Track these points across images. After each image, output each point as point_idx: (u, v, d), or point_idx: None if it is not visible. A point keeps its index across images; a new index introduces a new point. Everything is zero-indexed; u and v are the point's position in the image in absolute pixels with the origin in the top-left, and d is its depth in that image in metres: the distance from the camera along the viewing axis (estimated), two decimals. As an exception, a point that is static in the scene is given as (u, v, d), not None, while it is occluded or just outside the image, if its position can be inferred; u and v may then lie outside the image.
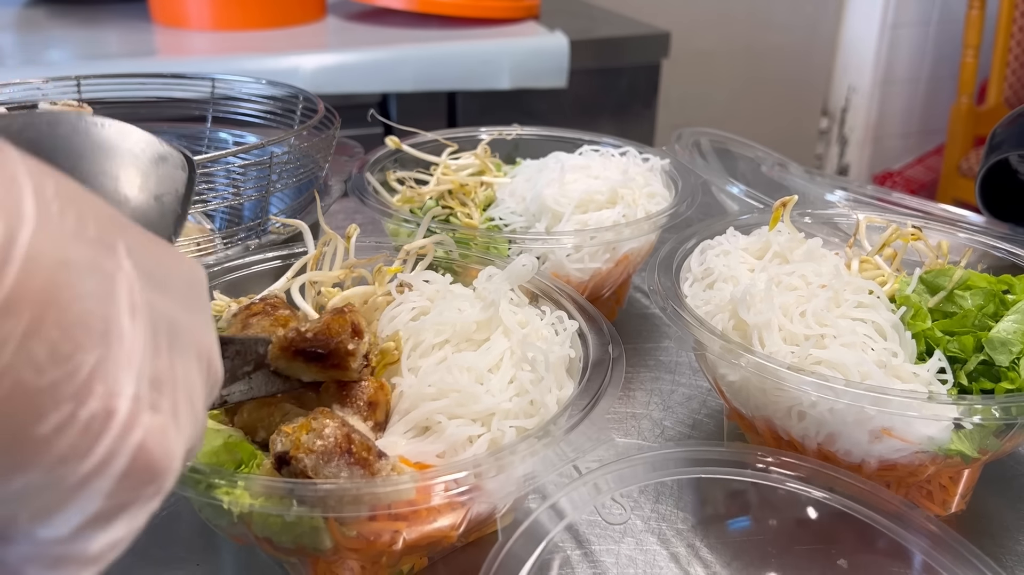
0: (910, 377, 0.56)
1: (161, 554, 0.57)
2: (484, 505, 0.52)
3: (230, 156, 0.72)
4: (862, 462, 0.58)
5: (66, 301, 0.23)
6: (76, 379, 0.24)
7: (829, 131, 2.93)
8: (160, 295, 0.28)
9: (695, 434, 0.71)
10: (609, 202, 0.82)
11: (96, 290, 0.25)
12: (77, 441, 0.24)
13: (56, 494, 0.25)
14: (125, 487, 0.26)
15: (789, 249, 0.68)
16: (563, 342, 0.59)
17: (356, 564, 0.51)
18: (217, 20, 1.65)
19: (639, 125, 1.78)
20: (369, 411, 0.52)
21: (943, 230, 0.74)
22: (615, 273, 0.81)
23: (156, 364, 0.27)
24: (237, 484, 0.43)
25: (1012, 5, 2.47)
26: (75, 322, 0.24)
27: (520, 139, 0.96)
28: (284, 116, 0.89)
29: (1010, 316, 0.59)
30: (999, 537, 0.61)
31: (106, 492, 0.26)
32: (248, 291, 0.62)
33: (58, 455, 0.24)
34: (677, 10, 2.46)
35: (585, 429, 0.49)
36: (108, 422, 0.25)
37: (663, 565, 0.56)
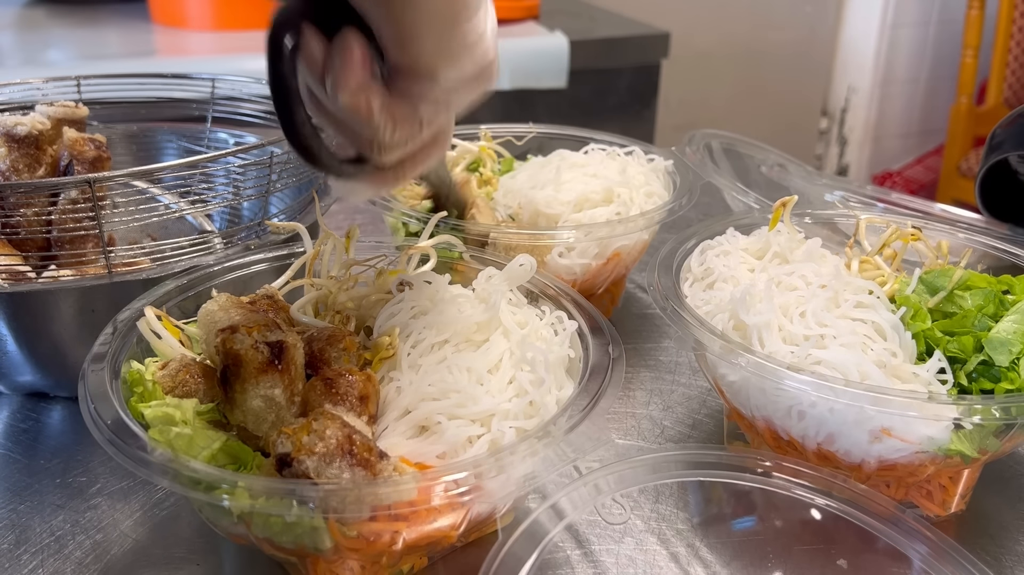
0: (910, 377, 0.56)
1: (161, 554, 0.57)
2: (484, 505, 0.52)
3: (230, 156, 0.72)
4: (862, 462, 0.58)
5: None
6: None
7: (829, 131, 2.93)
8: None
9: (695, 434, 0.71)
10: (604, 200, 0.82)
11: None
12: (473, 25, 0.47)
13: (454, 51, 0.46)
14: (478, 74, 0.49)
15: (789, 249, 0.68)
16: (563, 342, 0.59)
17: (356, 564, 0.51)
18: (217, 20, 1.65)
19: (639, 125, 1.78)
20: (362, 406, 0.52)
21: (943, 230, 0.74)
22: (606, 270, 0.81)
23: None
24: (238, 485, 0.43)
25: (1012, 5, 2.47)
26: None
27: (530, 136, 0.96)
28: (284, 116, 0.89)
29: (1010, 316, 0.59)
30: (999, 537, 0.61)
31: (469, 67, 0.48)
32: (248, 291, 0.62)
33: (464, 28, 0.46)
34: (677, 10, 2.46)
35: (585, 429, 0.49)
36: (481, 27, 0.48)
37: (663, 565, 0.56)
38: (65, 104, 0.78)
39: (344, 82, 0.45)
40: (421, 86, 0.47)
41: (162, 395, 0.52)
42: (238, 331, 0.51)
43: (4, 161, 0.74)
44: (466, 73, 0.48)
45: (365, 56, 0.46)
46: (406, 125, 0.49)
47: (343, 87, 0.46)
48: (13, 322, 0.65)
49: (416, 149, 0.52)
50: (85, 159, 0.72)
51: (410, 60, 0.46)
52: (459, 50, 0.47)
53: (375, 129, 0.48)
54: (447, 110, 0.50)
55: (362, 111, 0.46)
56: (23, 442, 0.68)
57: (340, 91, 0.46)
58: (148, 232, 0.86)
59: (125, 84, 0.91)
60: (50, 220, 0.70)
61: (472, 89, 0.50)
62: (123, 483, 0.63)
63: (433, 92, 0.48)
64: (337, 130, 0.51)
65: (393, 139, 0.49)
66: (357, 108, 0.46)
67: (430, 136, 0.53)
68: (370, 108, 0.47)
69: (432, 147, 0.54)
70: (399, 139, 0.49)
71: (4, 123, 0.74)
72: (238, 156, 0.72)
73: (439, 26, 0.45)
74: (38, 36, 1.65)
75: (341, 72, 0.45)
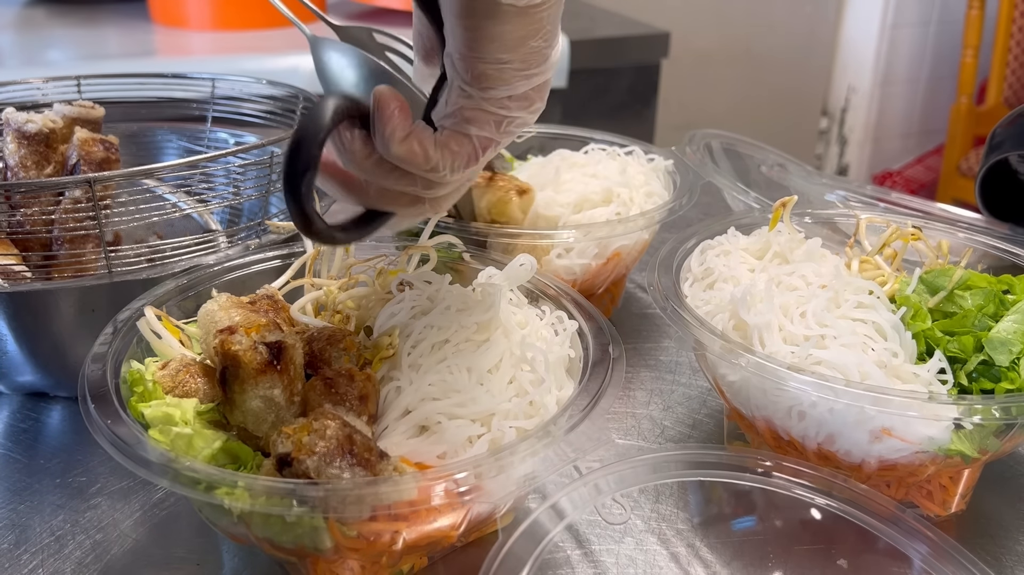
0: (910, 377, 0.56)
1: (161, 554, 0.57)
2: (484, 505, 0.52)
3: (230, 156, 0.72)
4: (862, 462, 0.58)
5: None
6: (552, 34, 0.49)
7: (829, 131, 2.93)
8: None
9: (695, 434, 0.71)
10: (604, 201, 0.82)
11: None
12: (538, 56, 0.49)
13: (508, 72, 0.48)
14: (528, 95, 0.50)
15: (789, 249, 0.68)
16: (563, 342, 0.59)
17: (356, 564, 0.51)
18: (217, 20, 1.65)
19: (639, 125, 1.78)
20: (361, 405, 0.52)
21: (943, 230, 0.74)
22: (606, 270, 0.81)
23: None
24: (238, 484, 0.43)
25: (1012, 5, 2.47)
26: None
27: (530, 136, 0.96)
28: (284, 116, 0.89)
29: (1010, 316, 0.59)
30: (999, 537, 0.61)
31: (524, 88, 0.49)
32: (248, 290, 0.62)
33: (530, 48, 0.48)
34: (677, 10, 2.46)
35: (585, 429, 0.49)
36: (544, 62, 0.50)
37: (663, 565, 0.56)
38: (82, 104, 0.78)
39: (392, 133, 0.47)
40: (473, 101, 0.49)
41: (162, 395, 0.52)
42: (236, 332, 0.51)
43: (13, 157, 0.74)
44: (517, 93, 0.49)
45: (403, 105, 0.48)
46: (463, 154, 0.50)
47: (391, 139, 0.47)
48: (13, 322, 0.65)
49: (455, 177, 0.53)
50: (93, 160, 0.72)
51: (469, 68, 0.48)
52: (513, 73, 0.48)
53: (434, 168, 0.49)
54: (499, 133, 0.51)
55: (418, 153, 0.48)
56: (23, 442, 0.68)
57: (391, 144, 0.48)
58: (155, 230, 0.86)
59: (125, 84, 0.90)
60: (52, 219, 0.70)
61: (521, 111, 0.51)
62: (123, 483, 0.63)
63: (484, 111, 0.49)
64: (385, 201, 0.52)
65: (454, 173, 0.50)
66: (412, 152, 0.48)
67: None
68: (425, 148, 0.48)
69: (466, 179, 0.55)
70: (458, 170, 0.50)
71: (15, 119, 0.74)
72: (238, 156, 0.72)
73: (504, 45, 0.47)
74: (38, 36, 1.65)
75: (385, 126, 0.47)
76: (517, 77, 0.49)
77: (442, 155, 0.49)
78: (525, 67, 0.48)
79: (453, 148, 0.50)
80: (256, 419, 0.51)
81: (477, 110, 0.49)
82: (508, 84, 0.49)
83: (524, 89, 0.49)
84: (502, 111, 0.50)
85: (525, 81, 0.49)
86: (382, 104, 0.48)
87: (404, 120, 0.48)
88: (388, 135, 0.48)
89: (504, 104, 0.49)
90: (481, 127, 0.50)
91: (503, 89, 0.49)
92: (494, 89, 0.49)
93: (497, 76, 0.48)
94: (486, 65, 0.48)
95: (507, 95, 0.49)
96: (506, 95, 0.49)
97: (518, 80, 0.49)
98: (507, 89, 0.49)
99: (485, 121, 0.50)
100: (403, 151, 0.48)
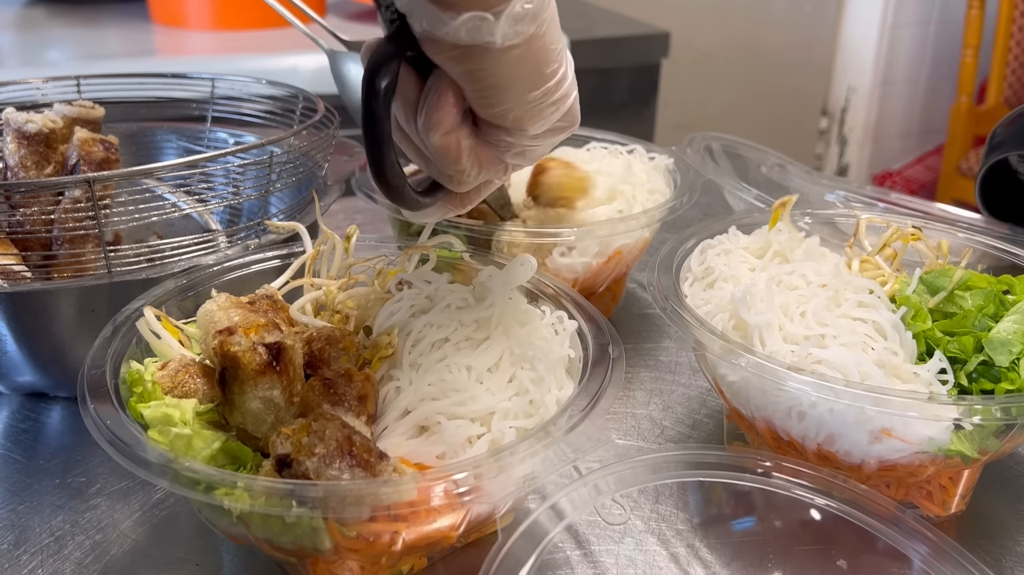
0: (910, 377, 0.56)
1: (161, 554, 0.57)
2: (484, 505, 0.52)
3: (230, 156, 0.72)
4: (862, 462, 0.58)
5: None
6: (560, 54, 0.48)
7: (829, 131, 2.93)
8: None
9: (695, 434, 0.71)
10: (608, 199, 0.82)
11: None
12: (559, 81, 0.48)
13: (540, 108, 0.48)
14: (563, 121, 0.50)
15: (789, 249, 0.68)
16: (563, 342, 0.58)
17: (356, 564, 0.51)
18: (217, 20, 1.65)
19: (639, 125, 1.78)
20: (360, 406, 0.52)
21: (943, 230, 0.74)
22: (607, 269, 0.81)
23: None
24: (237, 485, 0.43)
25: (1012, 5, 2.47)
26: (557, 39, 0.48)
27: None
28: (284, 116, 0.89)
29: (1010, 316, 0.59)
30: (999, 537, 0.60)
31: (556, 117, 0.49)
32: (248, 290, 0.61)
33: (549, 86, 0.47)
34: (677, 10, 2.46)
35: (585, 429, 0.49)
36: (566, 81, 0.49)
37: (663, 565, 0.56)
38: (82, 104, 0.78)
39: (436, 124, 0.47)
40: (510, 138, 0.49)
41: (162, 395, 0.52)
42: (235, 333, 0.51)
43: (13, 157, 0.74)
44: (552, 125, 0.50)
45: (457, 99, 0.47)
46: (491, 169, 0.51)
47: (435, 128, 0.47)
48: (13, 322, 0.65)
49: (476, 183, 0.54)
50: (93, 160, 0.72)
51: (497, 119, 0.48)
52: (545, 107, 0.48)
53: (461, 171, 0.50)
54: (529, 159, 0.52)
55: (451, 153, 0.48)
56: (23, 442, 0.68)
57: (432, 132, 0.47)
58: (154, 230, 0.86)
59: (125, 84, 0.90)
60: (52, 219, 0.70)
61: (557, 136, 0.51)
62: (123, 483, 0.63)
63: (521, 144, 0.50)
64: (422, 162, 0.52)
65: (475, 180, 0.51)
66: (447, 150, 0.48)
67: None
68: (459, 151, 0.48)
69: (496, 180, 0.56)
70: (481, 179, 0.51)
71: (15, 119, 0.74)
72: (238, 156, 0.72)
73: (523, 88, 0.47)
74: (38, 36, 1.65)
75: (433, 113, 0.46)
76: (548, 108, 0.48)
77: (471, 163, 0.49)
78: (550, 96, 0.48)
79: (483, 161, 0.50)
80: (255, 420, 0.51)
81: (514, 143, 0.49)
82: (542, 118, 0.48)
83: (556, 118, 0.49)
84: (538, 144, 0.50)
85: (555, 108, 0.49)
86: (441, 90, 0.46)
87: (454, 115, 0.47)
88: (434, 123, 0.47)
89: (540, 138, 0.50)
90: (515, 156, 0.51)
91: (539, 125, 0.49)
92: (531, 128, 0.49)
93: (528, 116, 0.48)
94: (515, 111, 0.47)
95: (543, 129, 0.49)
96: (542, 130, 0.49)
97: (549, 110, 0.48)
98: (542, 124, 0.49)
99: (520, 152, 0.50)
100: (440, 143, 0.47)
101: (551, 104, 0.48)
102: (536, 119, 0.48)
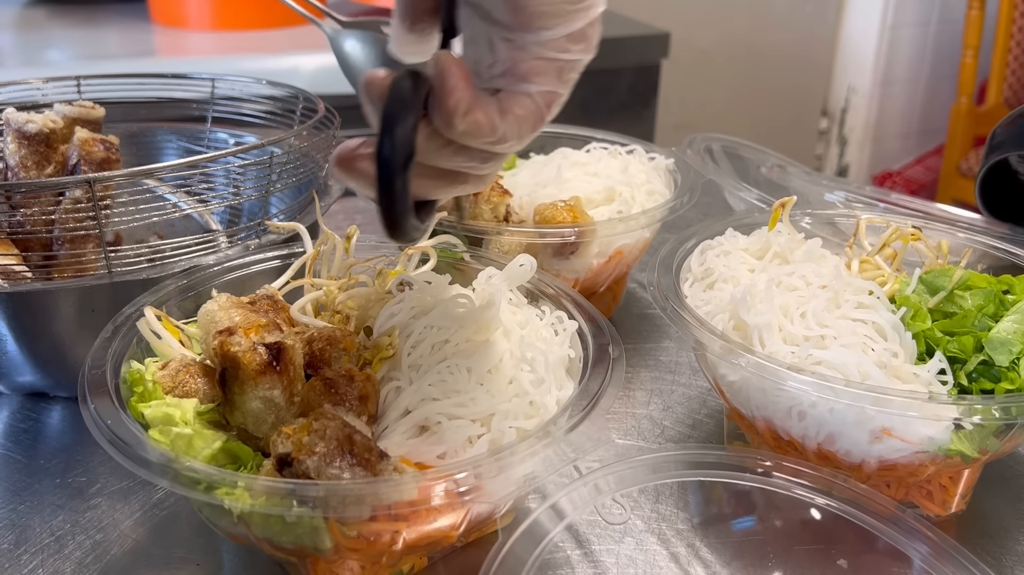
0: (910, 377, 0.56)
1: (161, 554, 0.57)
2: (484, 505, 0.52)
3: (230, 156, 0.72)
4: (862, 462, 0.58)
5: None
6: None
7: (829, 131, 2.93)
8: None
9: (695, 434, 0.71)
10: (606, 200, 0.82)
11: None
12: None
13: (564, 4, 0.42)
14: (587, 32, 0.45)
15: (789, 249, 0.68)
16: (563, 342, 0.59)
17: (356, 564, 0.51)
18: (217, 20, 1.65)
19: (639, 125, 1.78)
20: (361, 406, 0.52)
21: (943, 230, 0.74)
22: (607, 269, 0.81)
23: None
24: (238, 484, 0.43)
25: (1012, 5, 2.47)
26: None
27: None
28: (284, 116, 0.89)
29: (1010, 316, 0.59)
30: (999, 537, 0.61)
31: (582, 23, 0.44)
32: (248, 291, 0.62)
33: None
34: (677, 10, 2.46)
35: (585, 429, 0.49)
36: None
37: (663, 565, 0.56)
38: (82, 104, 0.78)
39: (455, 107, 0.41)
40: (528, 52, 0.43)
41: (162, 395, 0.52)
42: (235, 333, 0.51)
43: (13, 157, 0.74)
44: (575, 29, 0.43)
45: (465, 73, 0.42)
46: (529, 119, 0.44)
47: (456, 112, 0.41)
48: (13, 322, 0.65)
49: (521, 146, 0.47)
50: (93, 160, 0.72)
51: (517, 11, 0.42)
52: (571, 5, 0.43)
53: (501, 139, 0.43)
54: (561, 83, 0.45)
55: (484, 126, 0.42)
56: (23, 442, 0.68)
57: (454, 119, 0.41)
58: (155, 230, 0.86)
59: (125, 84, 0.90)
60: (52, 219, 0.70)
61: (582, 52, 0.45)
62: (123, 483, 0.63)
63: (544, 59, 0.43)
64: (447, 185, 0.46)
65: (521, 140, 0.45)
66: (478, 125, 0.42)
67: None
68: (491, 118, 0.42)
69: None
70: (525, 135, 0.45)
71: (15, 119, 0.74)
72: (238, 156, 0.72)
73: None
74: (38, 36, 1.65)
75: (449, 99, 0.41)
76: (573, 8, 0.43)
77: (507, 124, 0.43)
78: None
79: (518, 112, 0.43)
80: (256, 420, 0.51)
81: (535, 60, 0.43)
82: (565, 19, 0.42)
83: (582, 23, 0.43)
84: (563, 55, 0.44)
85: (582, 13, 0.43)
86: (447, 72, 0.41)
87: (469, 90, 0.41)
88: (452, 108, 0.41)
89: (563, 47, 0.43)
90: (542, 80, 0.44)
91: (561, 27, 0.43)
92: (550, 30, 0.42)
93: (552, 12, 0.42)
94: (538, 2, 0.42)
95: (565, 33, 0.43)
96: (564, 34, 0.43)
97: (574, 12, 0.43)
98: (565, 26, 0.43)
99: (545, 71, 0.43)
100: (468, 124, 0.42)
101: (578, 4, 0.43)
102: (559, 16, 0.42)
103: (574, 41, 0.44)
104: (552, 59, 0.43)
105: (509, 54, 0.43)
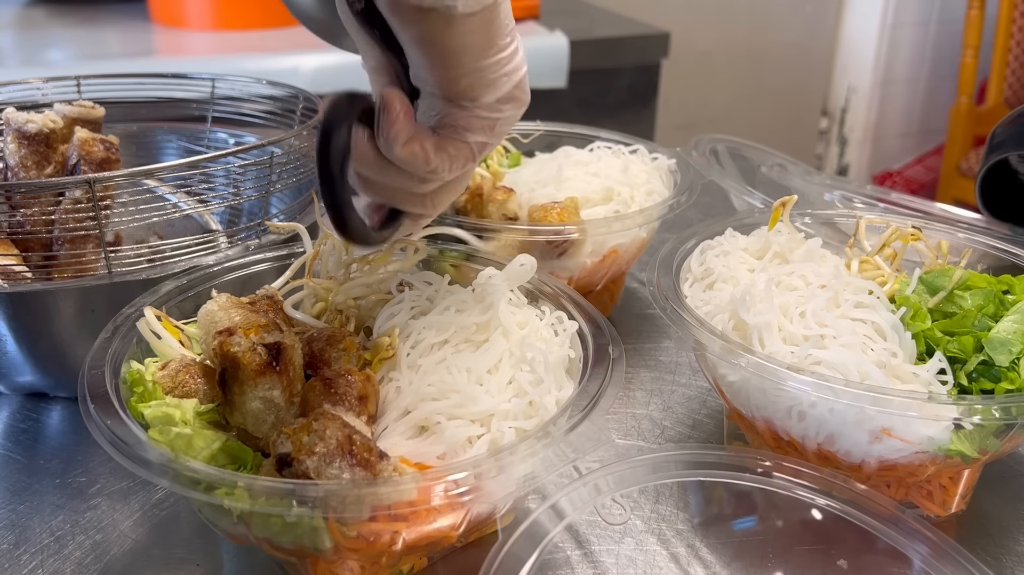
0: (910, 377, 0.56)
1: (161, 554, 0.57)
2: (484, 505, 0.52)
3: (230, 156, 0.72)
4: (862, 462, 0.58)
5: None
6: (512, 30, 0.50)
7: (829, 131, 2.93)
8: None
9: (695, 434, 0.71)
10: (604, 200, 0.82)
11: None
12: (510, 54, 0.50)
13: (491, 77, 0.50)
14: (514, 94, 0.52)
15: (789, 249, 0.68)
16: (562, 343, 0.58)
17: (356, 564, 0.51)
18: (217, 20, 1.65)
19: (639, 125, 1.78)
20: (361, 406, 0.52)
21: (943, 230, 0.74)
22: (602, 268, 0.81)
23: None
24: (238, 485, 0.43)
25: (1012, 5, 2.47)
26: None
27: (537, 134, 0.96)
28: (284, 116, 0.89)
29: (1010, 316, 0.59)
30: (999, 537, 0.61)
31: (507, 88, 0.51)
32: (248, 291, 0.62)
33: (501, 56, 0.49)
34: (677, 10, 2.46)
35: (585, 429, 0.49)
36: (518, 55, 0.51)
37: (663, 565, 0.56)
38: (82, 104, 0.78)
39: (396, 136, 0.49)
40: (464, 111, 0.51)
41: (162, 395, 0.52)
42: (235, 333, 0.51)
43: (13, 157, 0.74)
44: (503, 94, 0.51)
45: (407, 108, 0.49)
46: (461, 158, 0.52)
47: (396, 141, 0.49)
48: (13, 322, 0.65)
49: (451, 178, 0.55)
50: (93, 159, 0.72)
51: (449, 86, 0.50)
52: (497, 77, 0.50)
53: (434, 171, 0.51)
54: (493, 135, 0.53)
55: (419, 156, 0.50)
56: (23, 442, 0.68)
57: (394, 146, 0.49)
58: (155, 230, 0.86)
59: (125, 84, 0.90)
60: (52, 220, 0.70)
61: (512, 110, 0.53)
62: (123, 483, 0.63)
63: (479, 118, 0.51)
64: (388, 195, 0.55)
65: (451, 174, 0.53)
66: (414, 155, 0.50)
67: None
68: (426, 151, 0.50)
69: (461, 178, 0.57)
70: (455, 171, 0.53)
71: (15, 119, 0.74)
72: (238, 156, 0.72)
73: (475, 55, 0.49)
74: (38, 36, 1.65)
75: (390, 128, 0.49)
76: (500, 78, 0.50)
77: (441, 159, 0.51)
78: (502, 67, 0.50)
79: (451, 152, 0.51)
80: (256, 420, 0.51)
81: (471, 118, 0.51)
82: (493, 87, 0.50)
83: (508, 88, 0.51)
84: (495, 115, 0.52)
85: (507, 79, 0.51)
86: (389, 106, 0.49)
87: (408, 124, 0.49)
88: (392, 137, 0.49)
89: (495, 108, 0.51)
90: (476, 133, 0.52)
91: (490, 95, 0.51)
92: (483, 97, 0.51)
93: (480, 83, 0.50)
94: (467, 77, 0.49)
95: (495, 98, 0.51)
96: (494, 98, 0.51)
97: (501, 80, 0.50)
98: (494, 93, 0.51)
99: (480, 128, 0.52)
100: (405, 154, 0.50)
101: (503, 75, 0.51)
102: (487, 87, 0.50)
103: (504, 102, 0.52)
104: (486, 118, 0.52)
105: (448, 111, 0.51)
